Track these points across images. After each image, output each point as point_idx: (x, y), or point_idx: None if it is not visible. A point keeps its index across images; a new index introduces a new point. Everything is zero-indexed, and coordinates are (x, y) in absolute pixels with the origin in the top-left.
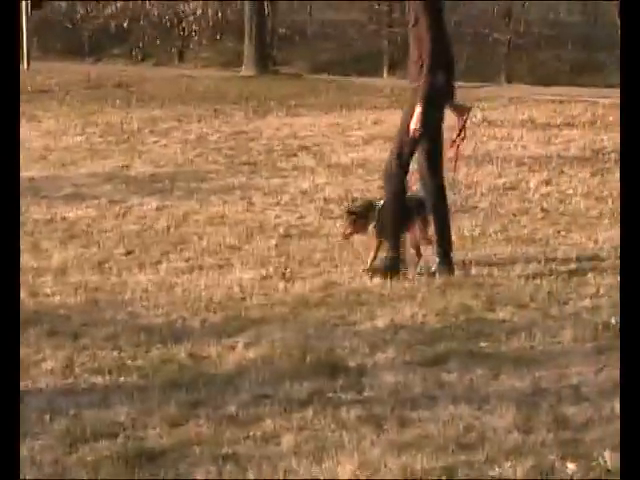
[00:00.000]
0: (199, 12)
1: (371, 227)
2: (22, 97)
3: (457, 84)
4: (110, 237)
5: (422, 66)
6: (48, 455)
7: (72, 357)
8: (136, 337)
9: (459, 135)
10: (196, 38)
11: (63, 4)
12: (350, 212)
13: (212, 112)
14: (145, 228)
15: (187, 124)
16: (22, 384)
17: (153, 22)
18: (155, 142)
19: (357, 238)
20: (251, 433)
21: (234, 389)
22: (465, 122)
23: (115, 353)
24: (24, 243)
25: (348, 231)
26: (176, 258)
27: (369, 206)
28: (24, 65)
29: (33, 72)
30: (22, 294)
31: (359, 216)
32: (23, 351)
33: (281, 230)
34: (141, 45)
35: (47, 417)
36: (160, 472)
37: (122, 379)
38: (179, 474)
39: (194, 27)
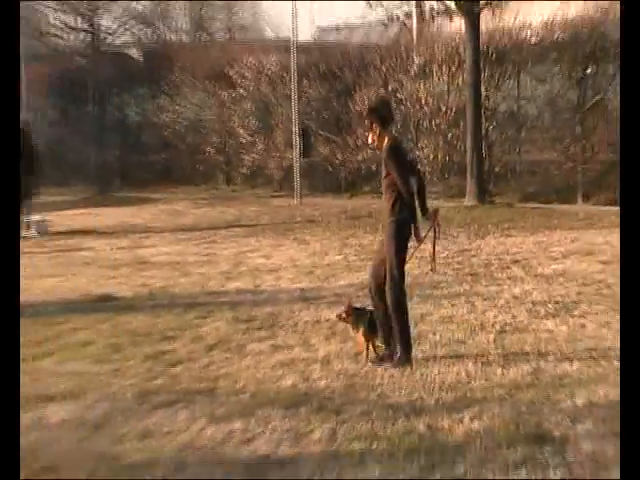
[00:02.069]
0: (431, 156)
1: (362, 330)
2: (294, 225)
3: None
4: None
5: (393, 206)
6: None
7: (335, 429)
8: (385, 413)
9: (434, 234)
10: (429, 177)
11: (325, 152)
12: (350, 307)
13: (442, 235)
14: None
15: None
16: (294, 451)
17: None
18: None
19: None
20: None
21: (462, 454)
22: (437, 223)
23: (369, 425)
24: (296, 339)
25: (342, 317)
26: (414, 350)
27: (363, 311)
28: (296, 200)
29: (303, 205)
30: (295, 379)
31: (355, 313)
32: (295, 424)
33: (498, 327)
34: None
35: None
36: None
37: (374, 446)
38: None
39: (427, 168)
